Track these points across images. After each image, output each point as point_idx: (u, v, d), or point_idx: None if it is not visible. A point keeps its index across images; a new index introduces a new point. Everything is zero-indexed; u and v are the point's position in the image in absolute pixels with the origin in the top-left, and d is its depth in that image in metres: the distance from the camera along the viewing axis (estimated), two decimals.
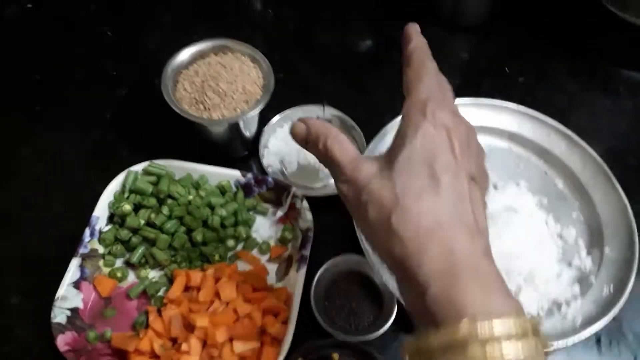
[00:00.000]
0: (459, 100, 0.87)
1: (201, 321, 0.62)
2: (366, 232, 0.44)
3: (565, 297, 0.72)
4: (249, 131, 0.80)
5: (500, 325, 0.33)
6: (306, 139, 0.47)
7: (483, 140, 0.87)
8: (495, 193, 0.76)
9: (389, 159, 0.43)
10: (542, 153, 0.85)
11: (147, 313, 0.68)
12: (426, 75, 0.47)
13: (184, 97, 0.75)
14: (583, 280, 0.74)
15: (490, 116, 0.86)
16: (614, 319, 0.69)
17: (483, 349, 0.32)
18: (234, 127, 0.76)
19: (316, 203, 0.77)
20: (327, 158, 0.46)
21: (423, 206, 0.39)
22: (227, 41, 0.80)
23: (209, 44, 0.79)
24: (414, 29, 0.51)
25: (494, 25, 1.03)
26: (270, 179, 0.77)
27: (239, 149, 0.83)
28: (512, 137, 0.86)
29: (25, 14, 1.01)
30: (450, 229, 0.38)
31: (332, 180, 0.82)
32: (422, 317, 0.37)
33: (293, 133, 0.48)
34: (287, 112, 0.86)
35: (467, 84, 0.96)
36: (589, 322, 0.69)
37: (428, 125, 0.42)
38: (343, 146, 0.45)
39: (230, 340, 0.62)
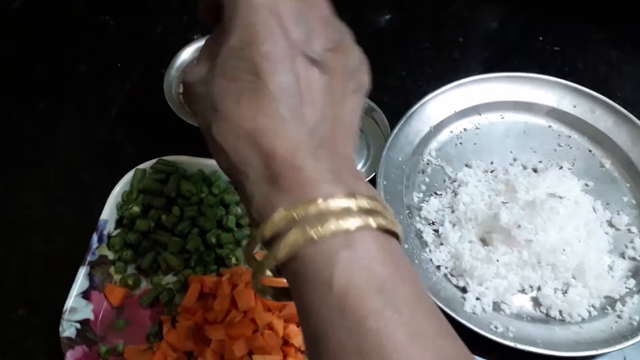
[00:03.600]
0: (489, 75, 0.80)
1: (217, 334, 0.57)
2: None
3: (619, 293, 0.65)
4: None
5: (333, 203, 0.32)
6: None
7: (518, 117, 0.84)
8: (536, 177, 0.69)
9: (211, 56, 0.36)
10: (586, 130, 0.77)
11: (160, 323, 0.63)
12: None
13: None
14: (639, 273, 0.67)
15: (525, 91, 0.79)
16: None
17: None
18: None
19: None
20: None
21: (241, 111, 0.33)
22: None
23: None
24: None
25: None
26: None
27: None
28: (551, 113, 0.78)
29: (27, 6, 0.96)
30: (273, 132, 0.33)
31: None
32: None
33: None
34: None
35: (498, 57, 0.88)
36: None
37: (247, 3, 0.34)
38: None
39: (250, 353, 0.57)
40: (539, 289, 0.65)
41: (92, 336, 0.63)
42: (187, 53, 0.69)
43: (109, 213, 0.69)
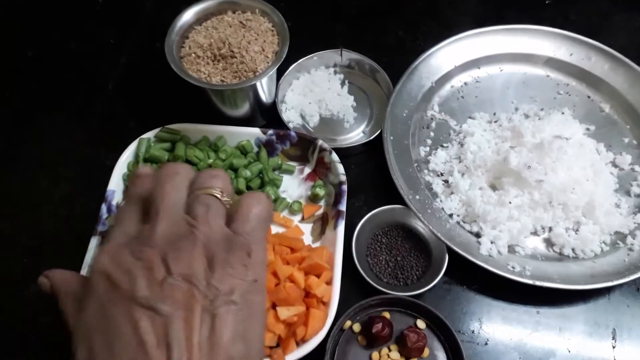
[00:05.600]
0: (485, 29, 0.81)
1: None
2: None
3: (628, 227, 0.66)
4: (267, 92, 0.72)
5: None
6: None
7: (516, 68, 0.83)
8: (540, 122, 0.70)
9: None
10: (583, 76, 0.78)
11: None
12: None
13: (193, 60, 0.68)
14: None
15: (522, 43, 0.80)
16: None
17: None
18: (251, 89, 0.69)
19: (345, 155, 0.71)
20: None
21: None
22: None
23: (214, 1, 0.71)
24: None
25: None
26: (293, 134, 0.71)
27: (257, 113, 0.75)
28: (549, 62, 0.79)
29: None
30: None
31: (360, 129, 0.77)
32: None
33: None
34: (302, 61, 0.79)
35: (491, 13, 0.88)
36: None
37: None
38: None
39: (274, 306, 0.57)
40: (550, 229, 0.66)
41: None
42: (188, 15, 0.68)
43: (115, 183, 0.68)
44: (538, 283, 0.60)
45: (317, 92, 0.78)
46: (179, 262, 0.30)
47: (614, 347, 0.62)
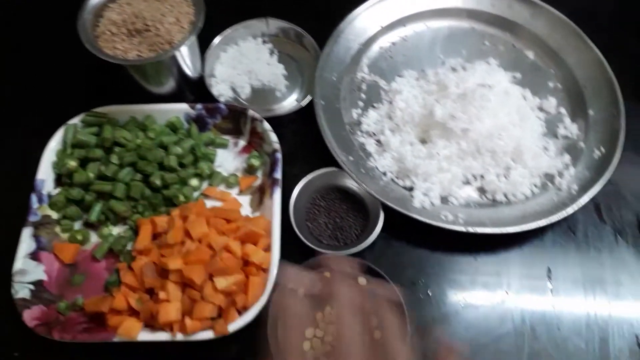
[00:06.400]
0: None
1: (174, 263, 0.56)
2: None
3: (557, 168, 0.68)
4: (190, 66, 0.71)
5: None
6: None
7: (441, 23, 0.83)
8: (465, 73, 0.71)
9: None
10: (506, 26, 0.79)
11: (118, 271, 0.62)
12: None
13: (108, 39, 0.66)
14: (572, 149, 0.70)
15: None
16: (610, 182, 0.66)
17: None
18: (173, 63, 0.68)
19: (279, 123, 0.71)
20: None
21: None
22: None
23: None
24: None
25: None
26: (222, 106, 0.70)
27: (185, 90, 0.74)
28: (472, 14, 0.80)
29: None
30: None
31: (293, 97, 0.77)
32: None
33: None
34: (228, 33, 0.78)
35: None
36: (585, 187, 0.65)
37: None
38: None
39: (211, 277, 0.57)
40: (482, 177, 0.68)
41: (49, 296, 0.61)
42: None
43: (44, 172, 0.66)
44: (470, 229, 0.62)
45: (246, 63, 0.77)
46: None
47: (550, 285, 0.64)
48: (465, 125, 0.65)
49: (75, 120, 0.69)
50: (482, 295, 0.63)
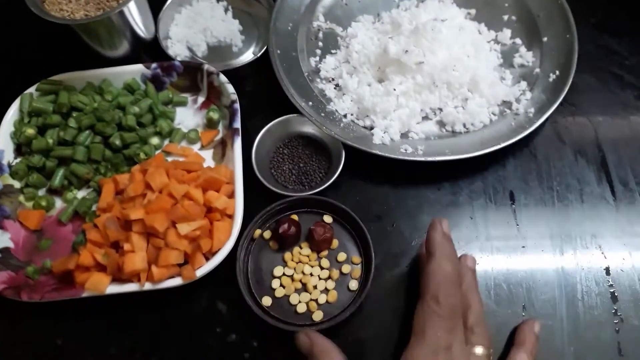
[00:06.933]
0: None
1: (135, 214, 0.56)
2: None
3: (514, 95, 0.68)
4: (142, 27, 0.71)
5: None
6: (310, 352, 0.51)
7: None
8: (417, 10, 0.71)
9: None
10: None
11: (84, 232, 0.62)
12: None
13: (54, 1, 0.65)
14: (528, 75, 0.70)
15: None
16: (568, 103, 0.67)
17: None
18: (123, 24, 0.67)
19: (237, 77, 0.70)
20: None
21: None
22: None
23: None
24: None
25: None
26: (177, 63, 0.70)
27: (140, 52, 0.74)
28: None
29: None
30: None
31: (250, 50, 0.76)
32: None
33: (298, 345, 0.52)
34: None
35: None
36: (542, 110, 0.65)
37: None
38: None
39: (174, 224, 0.57)
40: (440, 110, 0.68)
41: (16, 262, 0.61)
42: None
43: (3, 143, 0.66)
44: (429, 158, 0.62)
45: (201, 22, 0.77)
46: None
47: (513, 208, 0.64)
48: (419, 59, 0.65)
49: (31, 90, 0.69)
50: (449, 223, 0.63)
